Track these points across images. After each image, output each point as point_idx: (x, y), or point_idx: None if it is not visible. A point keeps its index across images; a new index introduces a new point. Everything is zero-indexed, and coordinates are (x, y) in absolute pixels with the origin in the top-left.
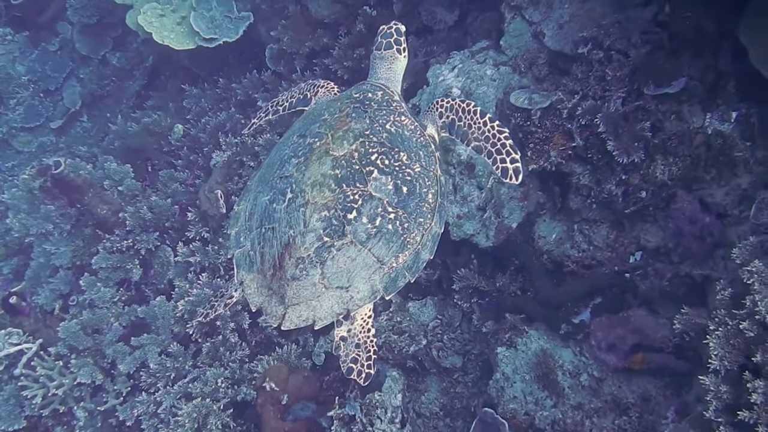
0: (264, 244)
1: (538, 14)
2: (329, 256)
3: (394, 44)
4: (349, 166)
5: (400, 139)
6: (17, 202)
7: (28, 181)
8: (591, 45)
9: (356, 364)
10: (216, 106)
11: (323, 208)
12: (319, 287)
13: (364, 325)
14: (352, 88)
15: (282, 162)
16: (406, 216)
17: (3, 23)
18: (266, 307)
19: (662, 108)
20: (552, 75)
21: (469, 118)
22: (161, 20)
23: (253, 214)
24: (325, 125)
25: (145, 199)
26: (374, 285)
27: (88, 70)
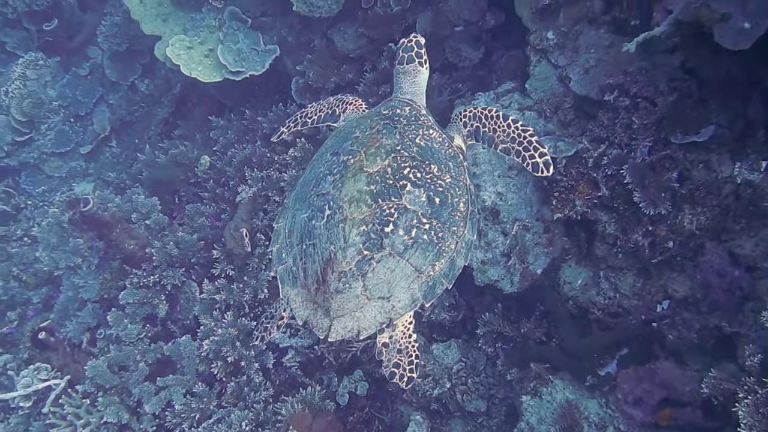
0: (306, 260)
1: (564, 58)
2: (370, 268)
3: (415, 57)
4: (384, 181)
5: (430, 151)
6: (47, 236)
7: (57, 215)
8: (617, 92)
9: (398, 368)
10: (242, 138)
11: (361, 222)
12: (361, 299)
13: (405, 331)
14: (380, 105)
15: (318, 180)
16: (440, 226)
17: (35, 48)
18: (312, 320)
19: (690, 157)
20: (578, 119)
21: (493, 122)
22: (189, 53)
23: (292, 231)
24: (357, 143)
25: (172, 233)
26: (414, 294)
27: (117, 96)
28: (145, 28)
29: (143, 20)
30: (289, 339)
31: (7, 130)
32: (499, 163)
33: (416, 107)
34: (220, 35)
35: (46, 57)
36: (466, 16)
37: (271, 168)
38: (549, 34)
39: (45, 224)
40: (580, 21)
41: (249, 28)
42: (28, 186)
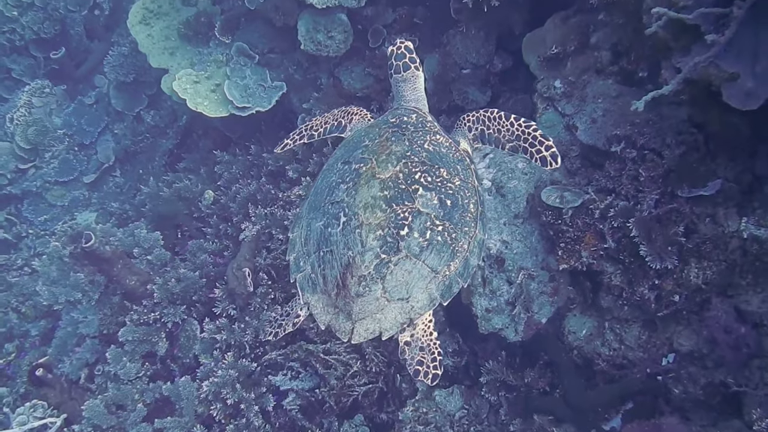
0: (324, 266)
1: (571, 107)
2: (388, 271)
3: (410, 63)
4: (396, 187)
5: (439, 156)
6: (47, 269)
7: (58, 249)
8: (624, 143)
9: (422, 366)
10: (247, 173)
11: (377, 227)
12: (382, 301)
13: (425, 329)
14: (387, 114)
15: (330, 188)
16: (452, 227)
17: (42, 75)
18: (334, 324)
19: (697, 210)
20: (584, 168)
21: (497, 123)
22: (195, 87)
23: (308, 239)
24: (367, 151)
25: (174, 269)
26: (431, 293)
27: (122, 126)
28: (153, 61)
29: (151, 53)
30: (290, 381)
31: (11, 158)
32: (505, 211)
33: (422, 114)
34: (227, 70)
35: (53, 85)
36: (474, 59)
37: (276, 205)
38: (556, 82)
39: (46, 258)
40: (587, 71)
41: (256, 64)
42: (30, 214)
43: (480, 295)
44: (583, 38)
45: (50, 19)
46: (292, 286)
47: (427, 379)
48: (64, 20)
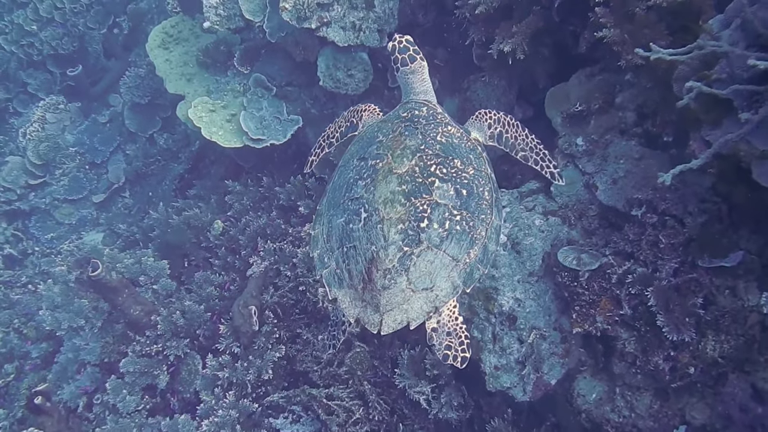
0: (348, 262)
1: (592, 165)
2: (411, 263)
3: (415, 54)
4: (413, 180)
5: (451, 147)
6: (51, 295)
7: (64, 273)
8: (645, 208)
9: (450, 350)
10: (258, 206)
11: (398, 221)
12: (407, 292)
13: (451, 315)
14: (398, 108)
15: (348, 185)
16: (469, 215)
17: (57, 91)
18: (363, 317)
19: (716, 281)
20: (602, 229)
21: (514, 130)
22: (211, 116)
23: (330, 235)
24: (382, 146)
25: (179, 301)
26: (454, 281)
27: (134, 147)
28: (170, 86)
29: (168, 78)
30: (291, 425)
31: (22, 173)
32: (519, 268)
33: (432, 106)
34: (243, 101)
35: (67, 101)
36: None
37: (285, 240)
38: (578, 139)
39: (51, 282)
40: (611, 130)
41: (273, 96)
42: (38, 231)
43: (489, 352)
44: (608, 97)
45: (69, 36)
46: (297, 326)
47: (456, 362)
48: (82, 37)
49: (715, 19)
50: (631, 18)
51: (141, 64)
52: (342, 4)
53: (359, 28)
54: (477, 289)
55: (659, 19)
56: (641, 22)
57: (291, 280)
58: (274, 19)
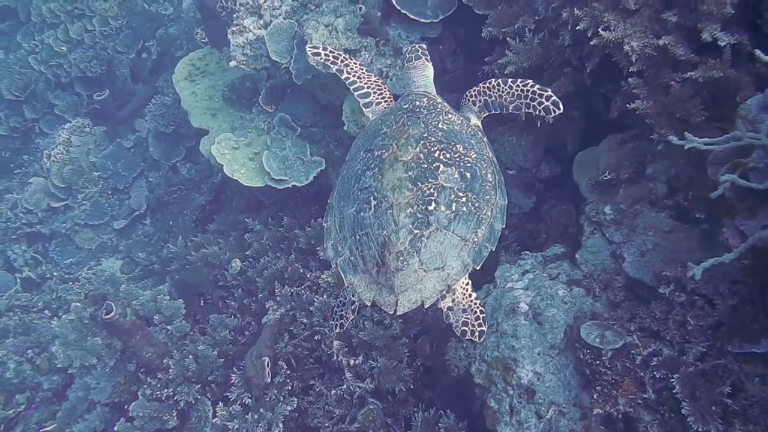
0: (362, 248)
1: (620, 235)
2: (422, 245)
3: (422, 55)
4: (419, 167)
5: (453, 133)
6: (65, 331)
7: (79, 310)
8: (673, 286)
9: (467, 326)
10: (277, 246)
11: (407, 206)
12: (420, 273)
13: (464, 292)
14: (399, 101)
15: (357, 177)
16: (475, 197)
17: (83, 114)
18: (378, 299)
19: (745, 368)
20: (628, 301)
21: (497, 90)
22: (234, 153)
23: (342, 225)
24: (387, 137)
25: (192, 344)
26: (464, 260)
27: (157, 175)
28: (194, 120)
29: (192, 112)
30: None
31: (44, 195)
32: (540, 340)
33: (432, 97)
34: (267, 139)
35: (93, 124)
36: (521, 162)
37: (303, 286)
38: (606, 208)
39: (65, 319)
40: (640, 201)
41: (297, 136)
42: (57, 255)
43: (506, 424)
44: (639, 167)
45: (97, 59)
46: (310, 376)
47: (474, 337)
48: (111, 61)
49: (754, 100)
50: (665, 90)
51: (167, 91)
52: (369, 51)
53: (386, 75)
54: (496, 359)
55: (694, 94)
56: (676, 95)
57: (307, 328)
58: (300, 61)
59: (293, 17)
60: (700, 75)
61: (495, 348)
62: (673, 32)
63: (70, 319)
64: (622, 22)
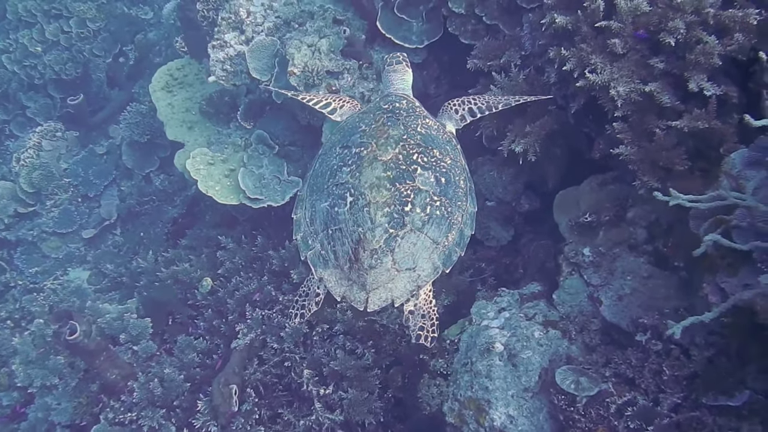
0: (334, 243)
1: (598, 278)
2: (396, 244)
3: (402, 60)
4: (397, 167)
5: (430, 138)
6: (26, 349)
7: (41, 327)
8: (650, 334)
9: (423, 331)
10: (249, 266)
11: (384, 205)
12: (392, 272)
13: (426, 298)
14: (377, 101)
15: (333, 172)
16: (448, 201)
17: (56, 117)
18: (349, 295)
19: (719, 421)
20: (604, 345)
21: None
22: (209, 169)
23: (314, 219)
24: (365, 135)
25: (159, 365)
26: (435, 262)
27: (130, 184)
28: (169, 132)
29: (168, 124)
30: None
31: (11, 201)
32: (515, 382)
33: (410, 100)
34: (244, 156)
35: (65, 129)
36: (500, 194)
37: (274, 309)
38: (585, 250)
39: (27, 336)
40: (620, 244)
41: (275, 154)
42: (22, 263)
43: None
44: (619, 210)
45: (73, 61)
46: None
47: (426, 342)
48: (87, 64)
49: (738, 154)
50: (649, 137)
51: (143, 99)
52: (352, 74)
53: (367, 99)
54: (469, 398)
55: (678, 142)
56: (659, 143)
57: (277, 353)
58: (281, 79)
59: (276, 34)
60: (686, 125)
61: (468, 388)
62: (659, 79)
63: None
64: (608, 65)
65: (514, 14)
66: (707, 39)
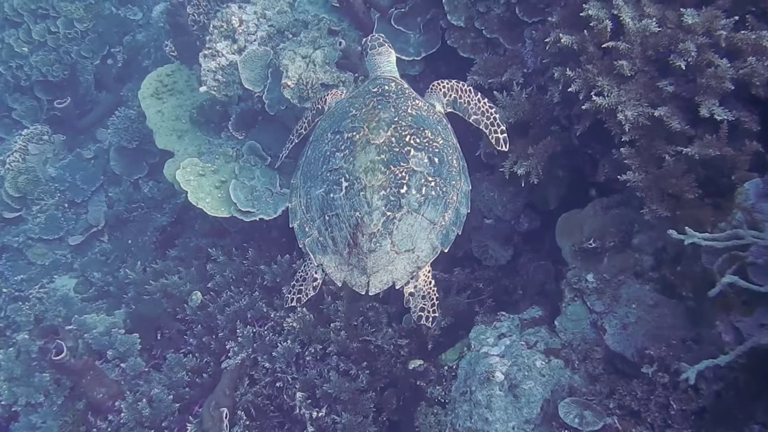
0: (332, 229)
1: (602, 305)
2: (394, 227)
3: (384, 42)
4: (390, 150)
5: (422, 119)
6: (11, 365)
7: (27, 343)
8: (657, 365)
9: (424, 311)
10: (240, 280)
11: (380, 188)
12: (391, 254)
13: (426, 279)
14: (366, 84)
15: (326, 158)
16: (442, 182)
17: (42, 120)
18: (350, 280)
19: None
20: (608, 375)
21: (467, 96)
22: (199, 180)
23: (309, 206)
24: (356, 119)
25: (147, 383)
26: (433, 242)
27: (118, 191)
28: (159, 141)
29: (158, 132)
30: None
31: None
32: (516, 414)
33: (399, 82)
34: (235, 167)
35: (52, 132)
36: (499, 212)
37: (266, 326)
38: (589, 276)
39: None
40: (625, 271)
41: (267, 166)
42: (7, 270)
43: None
44: (625, 236)
45: (60, 63)
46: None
47: (428, 322)
48: (74, 66)
49: (752, 184)
50: (657, 162)
51: (132, 104)
52: (348, 86)
53: None
54: (468, 429)
55: (688, 170)
56: (668, 170)
57: (268, 373)
58: (274, 91)
59: (269, 44)
60: (696, 152)
61: (467, 418)
62: (668, 102)
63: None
64: (616, 87)
65: (515, 28)
66: (719, 62)
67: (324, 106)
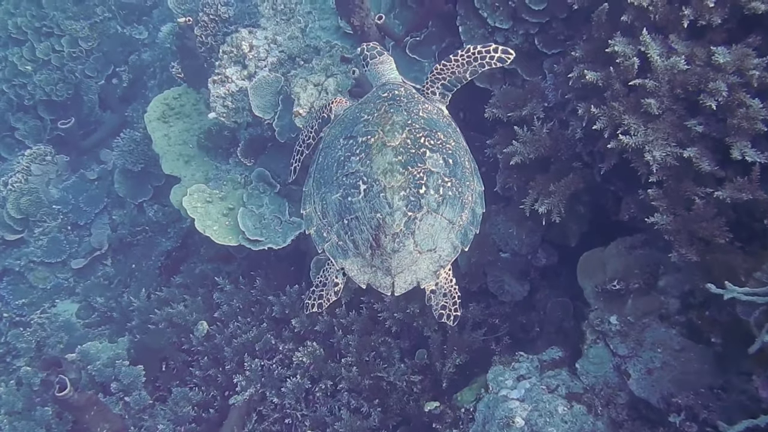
0: (352, 232)
1: (625, 348)
2: (416, 227)
3: (383, 51)
4: (407, 152)
5: (433, 121)
6: (12, 399)
7: (29, 375)
8: (684, 415)
9: (446, 310)
10: (248, 310)
11: (400, 189)
12: (414, 254)
13: (447, 277)
14: (375, 91)
15: (340, 163)
16: (457, 182)
17: (45, 140)
18: (374, 282)
19: None
20: (632, 421)
21: (448, 69)
22: (207, 207)
23: (326, 211)
24: (369, 124)
25: (152, 418)
26: (453, 242)
27: (122, 213)
28: (165, 166)
29: (165, 157)
30: None
31: None
32: None
33: (407, 87)
34: (243, 195)
35: (55, 152)
36: (515, 247)
37: (274, 359)
38: (612, 318)
39: (13, 385)
40: (650, 314)
41: (276, 193)
42: (8, 294)
43: None
44: (650, 278)
45: (64, 82)
46: None
47: (449, 320)
48: (78, 85)
49: None
50: (687, 205)
51: (137, 125)
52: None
53: None
54: None
55: (718, 213)
56: (698, 213)
57: (277, 409)
58: (285, 118)
59: (279, 70)
60: (728, 195)
61: None
62: (697, 142)
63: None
64: (643, 126)
65: (534, 59)
66: (751, 102)
67: (330, 114)
